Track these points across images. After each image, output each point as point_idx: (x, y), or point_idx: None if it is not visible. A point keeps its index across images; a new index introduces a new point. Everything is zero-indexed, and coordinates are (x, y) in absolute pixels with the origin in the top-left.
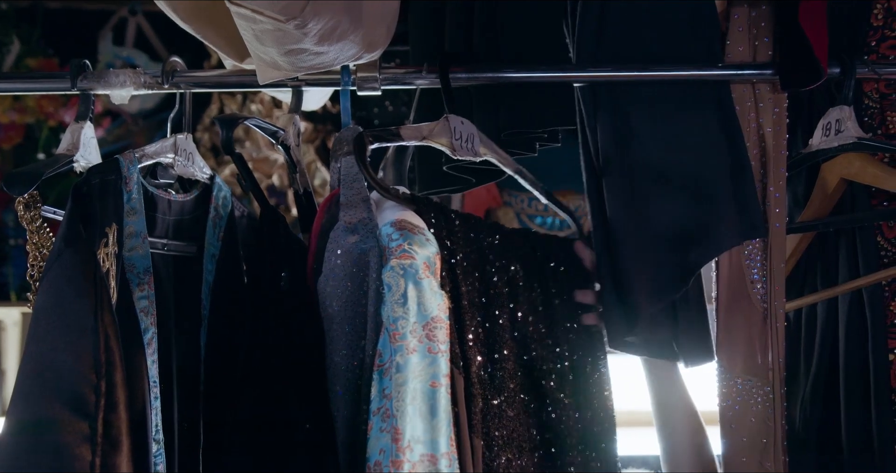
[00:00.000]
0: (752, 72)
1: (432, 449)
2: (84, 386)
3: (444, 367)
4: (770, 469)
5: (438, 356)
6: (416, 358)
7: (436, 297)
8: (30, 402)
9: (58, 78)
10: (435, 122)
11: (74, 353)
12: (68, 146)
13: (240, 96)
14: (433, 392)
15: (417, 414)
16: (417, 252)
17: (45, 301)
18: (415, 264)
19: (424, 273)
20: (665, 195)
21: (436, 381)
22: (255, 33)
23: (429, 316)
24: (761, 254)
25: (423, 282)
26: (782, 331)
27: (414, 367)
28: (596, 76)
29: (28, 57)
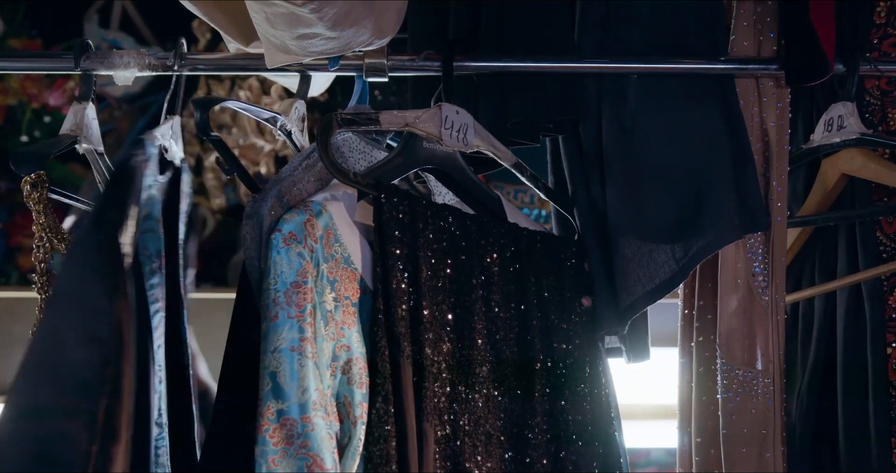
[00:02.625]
0: (757, 66)
1: (294, 413)
2: (90, 373)
3: (303, 331)
4: (769, 460)
5: (295, 321)
6: (276, 325)
7: (294, 264)
8: (34, 384)
9: (58, 57)
10: (424, 110)
11: (85, 338)
12: (72, 126)
13: (228, 82)
14: (293, 356)
15: (278, 379)
16: (285, 223)
17: (63, 281)
18: (278, 236)
19: (285, 242)
20: (667, 187)
21: (295, 346)
22: (266, 16)
23: (288, 282)
24: (763, 248)
25: (282, 251)
26: (783, 324)
27: (274, 334)
28: (601, 67)
29: (11, 37)
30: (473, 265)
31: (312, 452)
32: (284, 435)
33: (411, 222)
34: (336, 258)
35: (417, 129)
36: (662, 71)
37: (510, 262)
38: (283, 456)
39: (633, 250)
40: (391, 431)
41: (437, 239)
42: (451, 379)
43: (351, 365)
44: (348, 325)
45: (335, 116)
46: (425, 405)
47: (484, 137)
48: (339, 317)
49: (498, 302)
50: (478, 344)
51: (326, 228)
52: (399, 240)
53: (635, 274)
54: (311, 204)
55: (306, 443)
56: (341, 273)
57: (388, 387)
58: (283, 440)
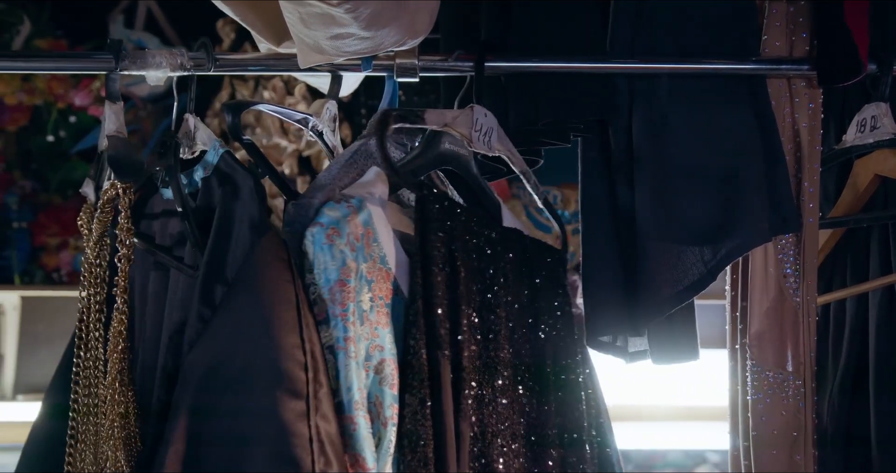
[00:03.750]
0: (789, 67)
1: (336, 412)
2: (295, 366)
3: (346, 330)
4: (800, 463)
5: (339, 319)
6: (322, 323)
7: (338, 261)
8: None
9: (93, 58)
10: (460, 111)
11: (281, 334)
12: (117, 128)
13: (252, 82)
14: (337, 355)
15: None
16: (327, 218)
17: (245, 288)
18: (321, 230)
19: (329, 238)
20: (697, 189)
21: (339, 345)
22: (301, 16)
23: (332, 280)
24: (794, 249)
25: (326, 247)
26: (814, 325)
27: (321, 332)
28: (631, 68)
29: (37, 38)
30: (495, 268)
31: (355, 451)
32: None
33: (450, 223)
34: (374, 257)
35: (453, 130)
36: (694, 71)
37: (520, 267)
38: None
39: (661, 251)
40: (429, 434)
41: (469, 241)
42: (480, 380)
43: (384, 365)
44: (382, 326)
45: (391, 112)
46: (462, 406)
47: (504, 142)
48: (374, 317)
49: (512, 306)
50: (502, 346)
51: (367, 226)
52: (441, 241)
53: (663, 275)
54: (351, 199)
55: (348, 442)
56: (377, 273)
57: (426, 390)
58: None
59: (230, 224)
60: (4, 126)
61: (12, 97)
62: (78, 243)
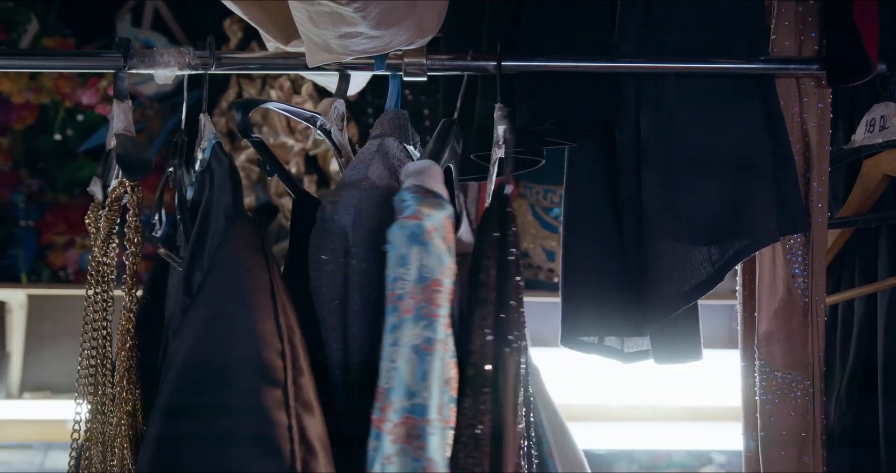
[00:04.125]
0: (798, 66)
1: (417, 413)
2: (270, 353)
3: (438, 332)
4: (809, 463)
5: (434, 320)
6: (411, 320)
7: (439, 261)
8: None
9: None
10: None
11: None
12: (126, 126)
13: (259, 81)
14: (424, 355)
15: (406, 377)
16: (425, 213)
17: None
18: (421, 224)
19: (429, 234)
20: (707, 188)
21: (428, 345)
22: (310, 15)
23: (430, 278)
24: (803, 249)
25: (426, 243)
26: (822, 326)
27: (408, 329)
28: (639, 67)
29: (45, 36)
30: None
31: (428, 455)
32: (404, 434)
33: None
34: (454, 256)
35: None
36: (702, 71)
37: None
38: (398, 455)
39: (669, 251)
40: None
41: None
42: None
43: (448, 368)
44: (448, 328)
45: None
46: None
47: None
48: (448, 319)
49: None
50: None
51: (451, 222)
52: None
53: (670, 275)
54: (439, 196)
55: (423, 446)
56: (453, 273)
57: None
58: (402, 439)
59: (209, 214)
60: (11, 124)
61: (19, 96)
62: (85, 242)
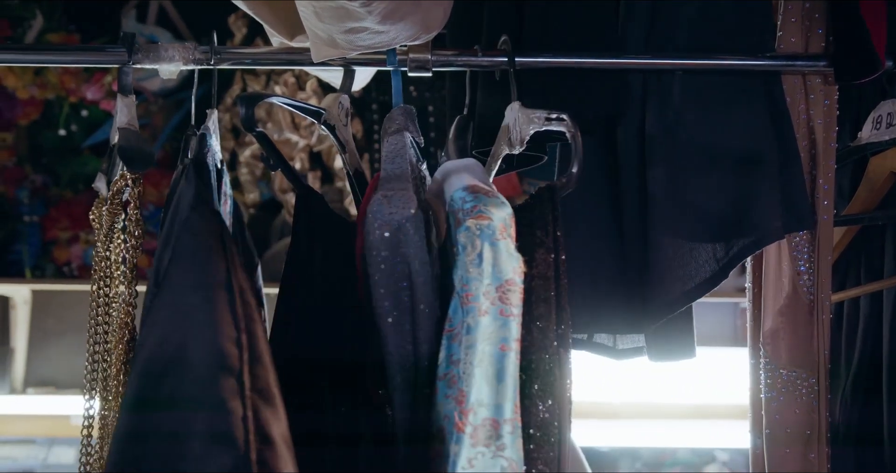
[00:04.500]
0: (805, 63)
1: (496, 414)
2: (226, 341)
3: (514, 331)
4: (814, 461)
5: (510, 319)
6: (488, 321)
7: (511, 260)
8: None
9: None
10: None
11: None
12: (129, 120)
13: (263, 77)
14: (502, 355)
15: (484, 378)
16: (493, 213)
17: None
18: (492, 225)
19: (501, 234)
20: (712, 185)
21: (505, 345)
22: (315, 10)
23: (503, 278)
24: (809, 246)
25: (499, 243)
26: (828, 323)
27: (484, 330)
28: (645, 63)
29: (50, 32)
30: None
31: (508, 455)
32: (485, 436)
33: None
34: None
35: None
36: (708, 67)
37: None
38: (480, 457)
39: (674, 248)
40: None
41: None
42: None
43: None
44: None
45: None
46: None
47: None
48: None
49: None
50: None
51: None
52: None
53: (675, 272)
54: (501, 198)
55: (503, 446)
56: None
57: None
58: (483, 441)
59: (178, 205)
60: (16, 120)
61: (24, 91)
62: (89, 237)
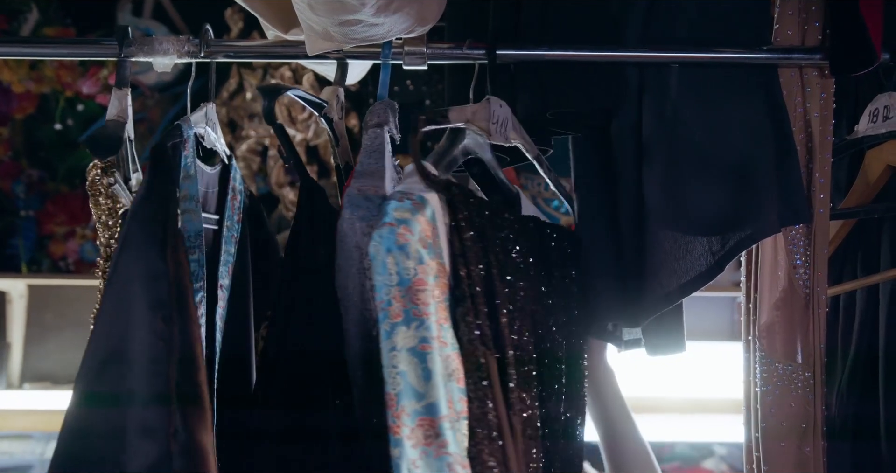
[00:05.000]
0: (801, 56)
1: (430, 413)
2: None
3: (433, 330)
4: (809, 454)
5: (425, 318)
6: (402, 324)
7: (417, 260)
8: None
9: (99, 44)
10: (478, 105)
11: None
12: (118, 112)
13: (260, 71)
14: (424, 355)
15: (411, 379)
16: (398, 217)
17: (120, 251)
18: (394, 230)
19: (402, 237)
20: (708, 179)
21: (426, 344)
22: (309, 3)
23: (410, 279)
24: (805, 240)
25: (401, 246)
26: (824, 317)
27: (400, 332)
28: (642, 56)
29: (45, 26)
30: (518, 260)
31: (452, 450)
32: (423, 436)
33: (480, 221)
34: (438, 253)
35: (474, 125)
36: (705, 60)
37: (540, 258)
38: (422, 457)
39: (669, 242)
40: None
41: (496, 236)
42: (514, 372)
43: (450, 360)
44: (444, 321)
45: (419, 118)
46: (511, 401)
47: (518, 130)
48: (440, 314)
49: (535, 297)
50: (526, 339)
51: (432, 222)
52: (473, 240)
53: (671, 266)
54: (413, 195)
55: (445, 443)
56: (440, 269)
57: (486, 384)
58: (422, 441)
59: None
60: (12, 114)
61: (20, 85)
62: (85, 232)
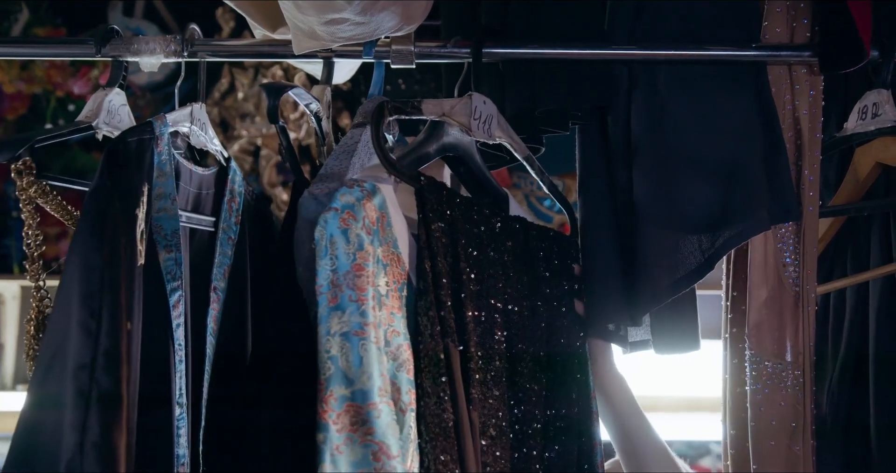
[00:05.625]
0: (790, 53)
1: (359, 399)
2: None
3: (368, 316)
4: (798, 453)
5: (360, 304)
6: (339, 308)
7: (357, 246)
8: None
9: (80, 43)
10: (458, 99)
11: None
12: (87, 113)
13: (252, 70)
14: (356, 341)
15: (341, 365)
16: (344, 203)
17: (69, 254)
18: (335, 214)
19: (344, 222)
20: (698, 177)
21: (359, 330)
22: (295, 2)
23: (348, 264)
24: (794, 238)
25: (342, 232)
26: (813, 315)
27: (334, 318)
28: (631, 54)
29: (36, 26)
30: (494, 258)
31: (378, 439)
32: (349, 422)
33: (450, 213)
34: (388, 242)
35: (452, 119)
36: (693, 58)
37: (523, 257)
38: (347, 443)
39: (659, 240)
40: (450, 424)
41: (469, 231)
42: (478, 369)
43: (401, 350)
44: (396, 310)
45: (385, 104)
46: (472, 394)
47: (504, 129)
48: (390, 302)
49: (513, 297)
50: (498, 337)
51: (381, 210)
52: (442, 231)
53: (661, 264)
54: (364, 183)
55: (371, 430)
56: (391, 257)
57: (445, 381)
58: (348, 426)
59: None
60: (3, 114)
61: (11, 85)
62: None
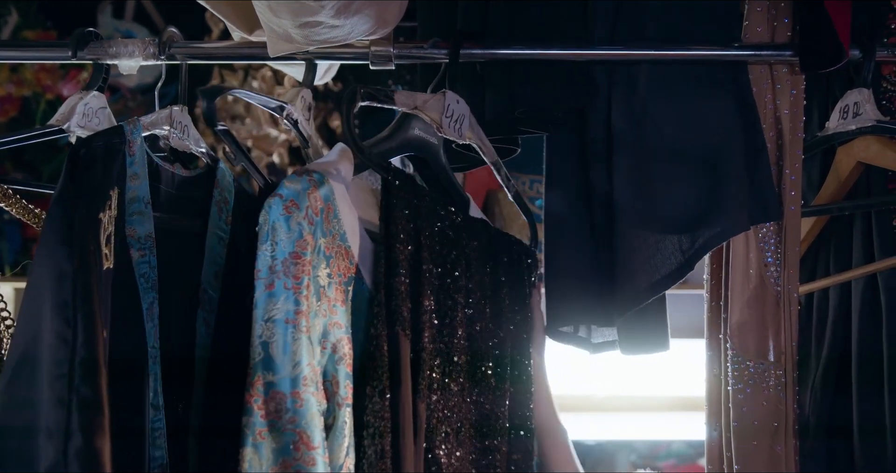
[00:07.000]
0: (771, 52)
1: (283, 387)
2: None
3: (301, 304)
4: (781, 453)
5: (295, 292)
6: (273, 295)
7: (294, 234)
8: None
9: (59, 46)
10: (431, 95)
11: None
12: (59, 117)
13: (241, 72)
14: (286, 328)
15: (270, 351)
16: (286, 189)
17: (36, 256)
18: (278, 201)
19: (287, 210)
20: (678, 177)
21: (289, 318)
22: (269, 5)
23: (287, 252)
24: (776, 237)
25: (282, 218)
26: (795, 315)
27: (268, 303)
28: (612, 55)
29: (26, 29)
30: (458, 253)
31: (300, 428)
32: (273, 409)
33: (416, 203)
34: (333, 233)
35: (424, 114)
36: (674, 58)
37: (484, 256)
38: (270, 430)
39: (639, 240)
40: (387, 426)
41: (433, 226)
42: (433, 363)
43: (341, 343)
44: (339, 303)
45: (359, 88)
46: (420, 387)
47: (475, 130)
48: (332, 294)
49: (472, 293)
50: (457, 332)
51: (327, 201)
52: (405, 219)
53: (640, 265)
54: (313, 173)
55: (294, 419)
56: (336, 249)
57: (387, 380)
58: (272, 413)
59: None
60: None
61: (1, 88)
62: None
